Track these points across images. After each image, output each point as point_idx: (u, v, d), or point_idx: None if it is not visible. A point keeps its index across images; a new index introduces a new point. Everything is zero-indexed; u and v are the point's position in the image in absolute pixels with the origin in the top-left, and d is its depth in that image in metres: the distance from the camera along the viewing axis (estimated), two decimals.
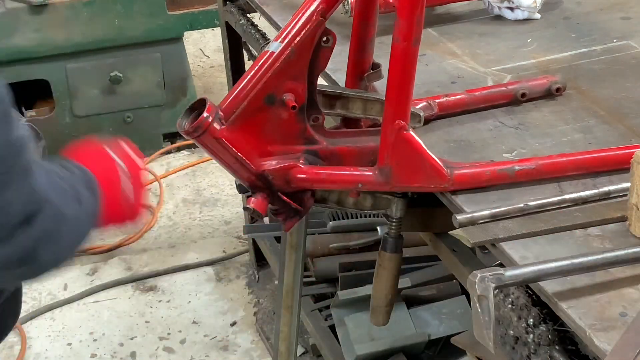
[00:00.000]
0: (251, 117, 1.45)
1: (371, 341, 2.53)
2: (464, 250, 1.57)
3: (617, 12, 2.11)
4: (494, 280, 1.20)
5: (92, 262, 3.32)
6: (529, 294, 1.32)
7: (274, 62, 1.44)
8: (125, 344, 2.97)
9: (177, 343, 2.97)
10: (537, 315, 1.29)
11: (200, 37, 4.90)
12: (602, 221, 1.37)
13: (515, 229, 1.36)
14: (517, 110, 1.71)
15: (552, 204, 1.41)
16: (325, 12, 1.44)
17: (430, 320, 2.61)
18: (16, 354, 2.91)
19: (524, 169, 1.47)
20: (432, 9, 2.14)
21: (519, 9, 2.08)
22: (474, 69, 1.89)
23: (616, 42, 1.96)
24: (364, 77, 1.59)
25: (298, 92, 1.46)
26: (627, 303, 1.21)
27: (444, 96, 1.70)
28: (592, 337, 1.16)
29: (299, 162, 1.48)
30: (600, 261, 1.24)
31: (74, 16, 3.51)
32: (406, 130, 1.42)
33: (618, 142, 1.58)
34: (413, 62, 1.39)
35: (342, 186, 1.50)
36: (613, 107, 1.71)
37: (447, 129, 1.67)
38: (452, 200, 1.46)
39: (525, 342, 1.29)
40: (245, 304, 3.12)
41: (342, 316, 2.61)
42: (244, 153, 1.46)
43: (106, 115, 3.75)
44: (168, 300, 3.16)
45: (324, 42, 1.46)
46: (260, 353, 2.91)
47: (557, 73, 1.80)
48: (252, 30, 2.39)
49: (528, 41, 2.00)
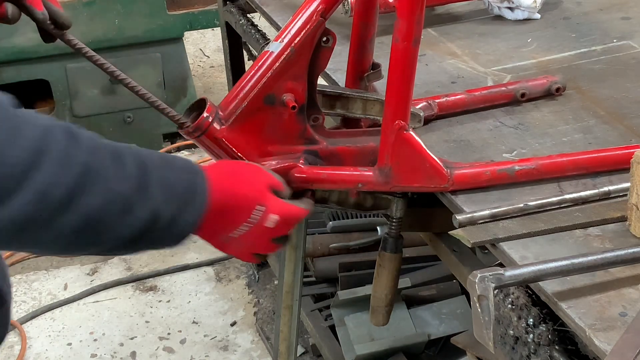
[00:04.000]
0: (251, 117, 1.45)
1: (371, 341, 2.53)
2: (464, 250, 1.57)
3: (617, 12, 2.11)
4: (494, 280, 1.20)
5: (92, 262, 3.32)
6: (529, 294, 1.32)
7: (274, 62, 1.44)
8: (125, 344, 2.97)
9: (177, 343, 2.97)
10: (537, 315, 1.29)
11: (200, 37, 4.90)
12: (602, 221, 1.37)
13: (515, 229, 1.36)
14: (517, 110, 1.72)
15: (552, 204, 1.41)
16: (325, 12, 1.44)
17: (430, 320, 2.61)
18: (16, 353, 2.91)
19: (524, 169, 1.47)
20: (432, 9, 2.14)
21: (519, 9, 2.08)
22: (474, 69, 1.89)
23: (616, 42, 1.97)
24: (364, 77, 1.59)
25: (298, 92, 1.46)
26: (627, 303, 1.21)
27: (444, 96, 1.70)
28: (592, 337, 1.16)
29: (299, 162, 1.48)
30: (600, 261, 1.24)
31: (74, 16, 3.50)
32: (406, 130, 1.42)
33: (618, 142, 1.58)
34: (413, 62, 1.39)
35: (342, 186, 1.50)
36: (613, 107, 1.71)
37: (447, 129, 1.67)
38: (452, 200, 1.46)
39: (525, 342, 1.29)
40: (245, 304, 3.12)
41: (342, 316, 2.61)
42: (244, 153, 1.46)
43: (106, 115, 3.76)
44: (168, 300, 3.16)
45: (324, 42, 1.46)
46: (260, 353, 2.91)
47: (557, 73, 1.80)
48: (252, 30, 2.39)
49: (528, 41, 2.00)
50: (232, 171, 1.30)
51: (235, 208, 1.26)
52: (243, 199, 1.27)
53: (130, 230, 1.12)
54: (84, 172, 1.05)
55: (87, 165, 1.05)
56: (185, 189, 1.18)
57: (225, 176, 1.27)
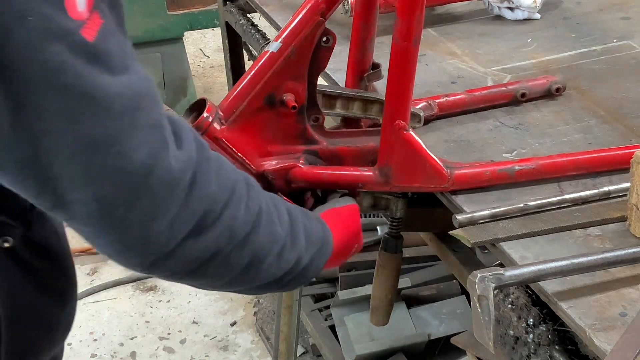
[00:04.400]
0: (251, 117, 1.45)
1: (371, 341, 2.53)
2: (464, 250, 1.57)
3: (617, 12, 2.11)
4: (494, 280, 1.20)
5: (92, 262, 3.32)
6: (529, 294, 1.32)
7: (274, 62, 1.44)
8: (125, 344, 2.97)
9: (177, 343, 2.97)
10: (537, 315, 1.29)
11: (200, 37, 4.90)
12: (602, 221, 1.37)
13: (515, 229, 1.36)
14: (517, 110, 1.71)
15: (552, 204, 1.41)
16: (325, 12, 1.44)
17: (430, 320, 2.61)
18: None
19: (524, 169, 1.47)
20: (432, 9, 2.14)
21: (519, 9, 2.08)
22: (474, 69, 1.89)
23: (616, 42, 1.96)
24: (364, 77, 1.59)
25: (298, 92, 1.46)
26: (627, 303, 1.21)
27: (444, 96, 1.70)
28: (592, 337, 1.16)
29: (299, 162, 1.48)
30: (600, 261, 1.24)
31: None
32: (406, 130, 1.42)
33: (618, 142, 1.58)
34: (413, 62, 1.39)
35: (342, 186, 1.50)
36: (613, 107, 1.71)
37: (447, 129, 1.67)
38: (452, 200, 1.46)
39: (525, 342, 1.29)
40: (245, 304, 3.12)
41: (342, 316, 2.61)
42: (244, 153, 1.46)
43: None
44: (168, 300, 3.16)
45: (324, 42, 1.46)
46: (260, 353, 2.91)
47: (557, 73, 1.80)
48: (252, 30, 2.39)
49: (528, 41, 2.00)
50: (341, 220, 1.40)
51: (346, 250, 1.37)
52: (351, 244, 1.39)
53: (279, 271, 1.20)
54: (259, 213, 1.14)
55: (261, 207, 1.15)
56: (321, 238, 1.29)
57: (339, 225, 1.37)
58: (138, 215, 0.98)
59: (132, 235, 0.99)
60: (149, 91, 0.98)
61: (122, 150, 0.94)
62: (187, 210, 1.02)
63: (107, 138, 0.93)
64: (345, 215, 1.40)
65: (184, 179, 1.01)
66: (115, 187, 0.95)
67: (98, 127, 0.92)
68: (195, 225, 1.04)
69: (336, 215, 1.38)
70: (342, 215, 1.40)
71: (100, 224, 0.97)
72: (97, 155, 0.93)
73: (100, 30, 0.91)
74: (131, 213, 0.97)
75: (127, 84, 0.94)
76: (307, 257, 1.24)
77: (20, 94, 0.88)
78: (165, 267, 1.06)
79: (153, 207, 0.99)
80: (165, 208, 1.00)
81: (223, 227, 1.08)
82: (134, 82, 0.96)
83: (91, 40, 0.90)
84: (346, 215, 1.40)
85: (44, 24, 0.86)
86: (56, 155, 0.91)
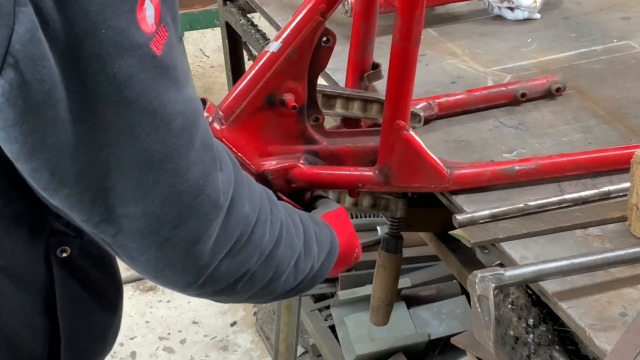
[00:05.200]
0: (251, 117, 1.45)
1: (371, 341, 2.53)
2: (464, 250, 1.57)
3: (617, 12, 2.11)
4: (494, 280, 1.20)
5: None
6: (529, 294, 1.32)
7: (274, 62, 1.44)
8: (125, 344, 2.97)
9: (177, 343, 2.97)
10: (537, 315, 1.29)
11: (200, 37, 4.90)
12: (602, 221, 1.37)
13: (515, 229, 1.36)
14: (517, 110, 1.71)
15: (552, 204, 1.41)
16: (325, 12, 1.44)
17: (430, 320, 2.61)
18: None
19: (524, 169, 1.47)
20: (432, 9, 2.14)
21: (519, 9, 2.08)
22: (474, 69, 1.89)
23: (616, 42, 1.96)
24: (364, 77, 1.59)
25: (298, 92, 1.46)
26: (627, 303, 1.21)
27: (444, 96, 1.70)
28: (592, 337, 1.16)
29: (299, 162, 1.48)
30: (600, 261, 1.24)
31: None
32: (406, 130, 1.42)
33: (618, 142, 1.58)
34: (413, 62, 1.39)
35: (342, 186, 1.50)
36: (613, 107, 1.71)
37: (447, 129, 1.67)
38: (452, 200, 1.46)
39: (525, 342, 1.29)
40: (245, 304, 3.12)
41: (342, 316, 2.61)
42: (244, 153, 1.46)
43: None
44: (168, 300, 3.16)
45: (324, 42, 1.46)
46: (260, 353, 2.91)
47: (557, 73, 1.80)
48: (252, 30, 2.39)
49: (528, 41, 2.00)
50: (339, 222, 1.39)
51: (348, 253, 1.37)
52: (353, 247, 1.38)
53: (295, 281, 1.20)
54: (280, 228, 1.15)
55: (282, 222, 1.16)
56: (329, 243, 1.29)
57: (340, 228, 1.36)
58: (184, 235, 0.97)
59: (176, 254, 0.98)
60: (202, 109, 0.98)
61: (177, 167, 0.93)
62: (226, 233, 1.02)
63: (164, 155, 0.91)
64: (342, 218, 1.41)
65: (226, 201, 1.01)
66: (166, 204, 0.94)
67: (157, 144, 0.90)
68: (231, 247, 1.04)
69: (334, 218, 1.38)
70: (340, 217, 1.40)
71: (145, 240, 0.96)
72: (152, 170, 0.91)
73: (166, 43, 0.89)
74: (178, 232, 0.96)
75: (188, 101, 0.93)
76: (318, 263, 1.24)
77: (85, 105, 0.86)
78: (200, 287, 1.05)
79: (199, 227, 0.98)
80: (211, 230, 0.99)
81: (253, 247, 1.08)
82: (194, 99, 0.95)
83: (159, 54, 0.88)
84: (343, 217, 1.41)
85: (116, 37, 0.84)
86: (112, 168, 0.90)
